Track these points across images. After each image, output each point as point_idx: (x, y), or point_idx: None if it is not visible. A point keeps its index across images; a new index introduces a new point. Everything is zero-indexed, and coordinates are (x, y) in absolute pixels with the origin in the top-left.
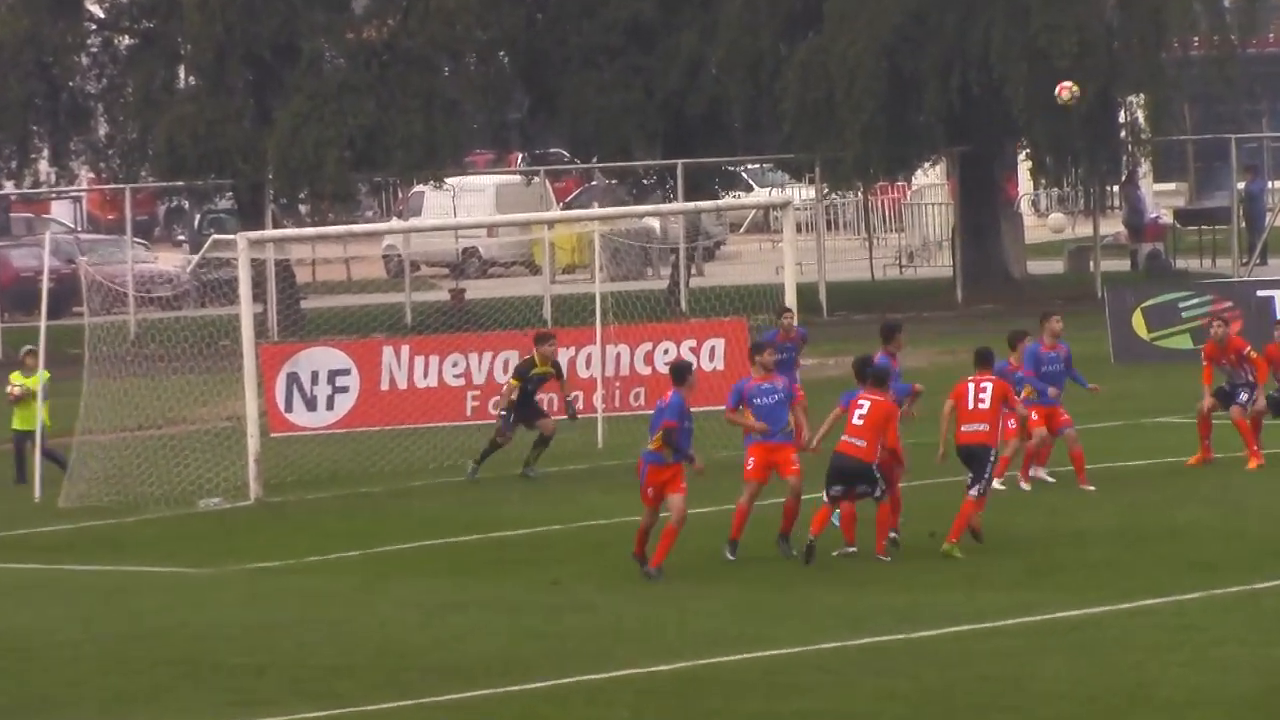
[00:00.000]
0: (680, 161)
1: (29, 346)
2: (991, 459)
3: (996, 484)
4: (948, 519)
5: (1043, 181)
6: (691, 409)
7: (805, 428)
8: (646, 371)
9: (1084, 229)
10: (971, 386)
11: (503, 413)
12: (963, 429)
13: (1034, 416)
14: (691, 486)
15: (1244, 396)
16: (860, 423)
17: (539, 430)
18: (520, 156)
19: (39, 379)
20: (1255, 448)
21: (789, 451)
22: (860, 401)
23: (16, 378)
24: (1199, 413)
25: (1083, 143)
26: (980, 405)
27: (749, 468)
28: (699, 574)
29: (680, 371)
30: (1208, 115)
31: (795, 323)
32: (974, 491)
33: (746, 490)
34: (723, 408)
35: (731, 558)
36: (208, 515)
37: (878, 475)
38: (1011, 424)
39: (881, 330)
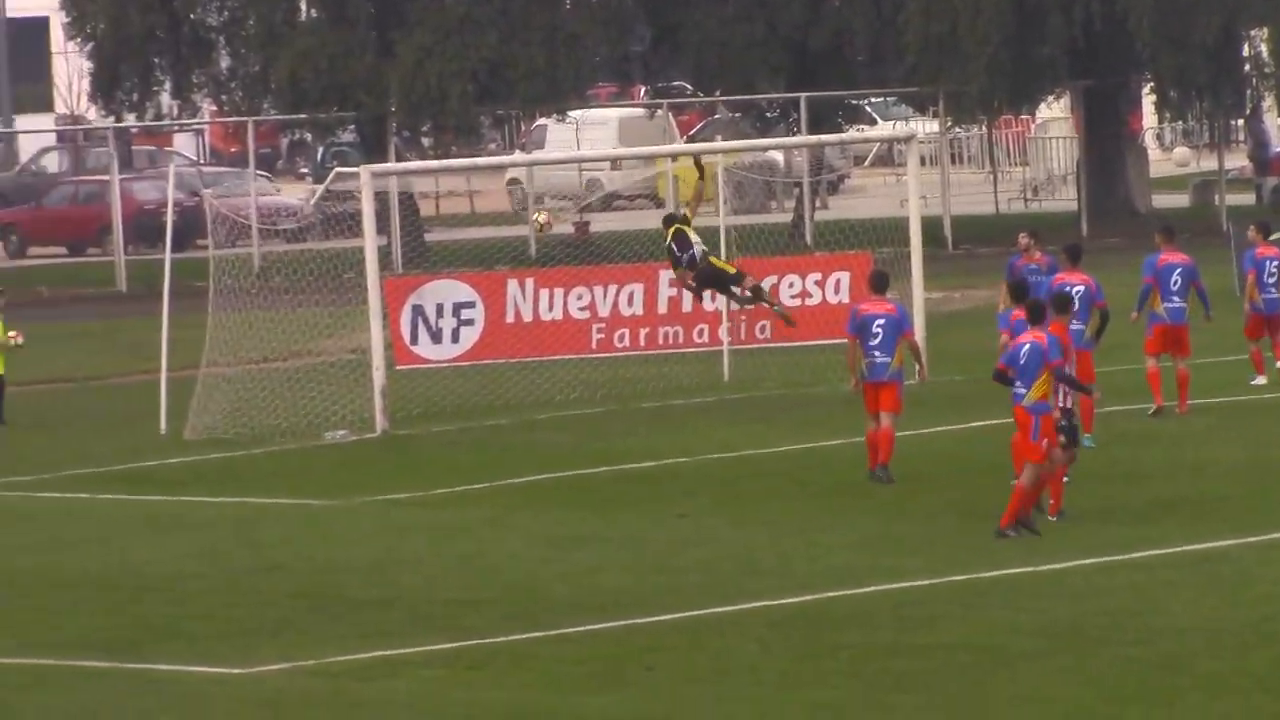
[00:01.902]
0: (804, 95)
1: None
2: None
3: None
4: None
5: (1167, 115)
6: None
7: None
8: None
9: (1209, 163)
10: None
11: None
12: None
13: None
14: (823, 415)
15: None
16: None
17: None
18: (643, 90)
19: None
20: None
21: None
22: None
23: None
24: None
25: (1207, 77)
26: None
27: None
28: (829, 506)
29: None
30: None
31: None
32: None
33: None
34: (843, 340)
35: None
36: (334, 448)
37: None
38: None
39: (1068, 251)
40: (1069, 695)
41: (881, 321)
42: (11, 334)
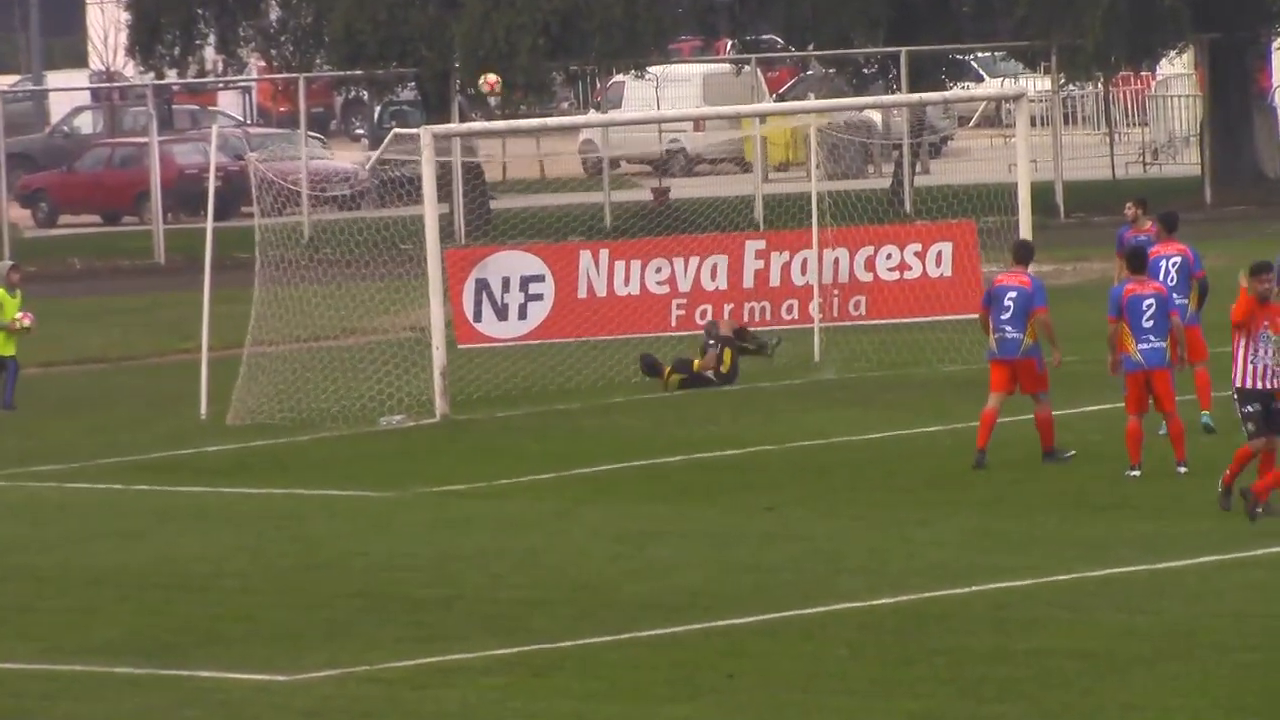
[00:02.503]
0: (904, 49)
1: (11, 261)
2: None
3: None
4: None
5: None
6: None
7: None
8: (867, 278)
9: None
10: None
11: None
12: None
13: None
14: (921, 399)
15: None
16: None
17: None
18: (729, 44)
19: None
20: None
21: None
22: None
23: (4, 297)
24: None
25: None
26: None
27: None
28: (925, 499)
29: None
30: None
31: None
32: None
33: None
34: (953, 316)
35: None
36: (389, 434)
37: None
38: None
39: (1162, 220)
40: (1186, 705)
41: (1013, 294)
42: (19, 315)
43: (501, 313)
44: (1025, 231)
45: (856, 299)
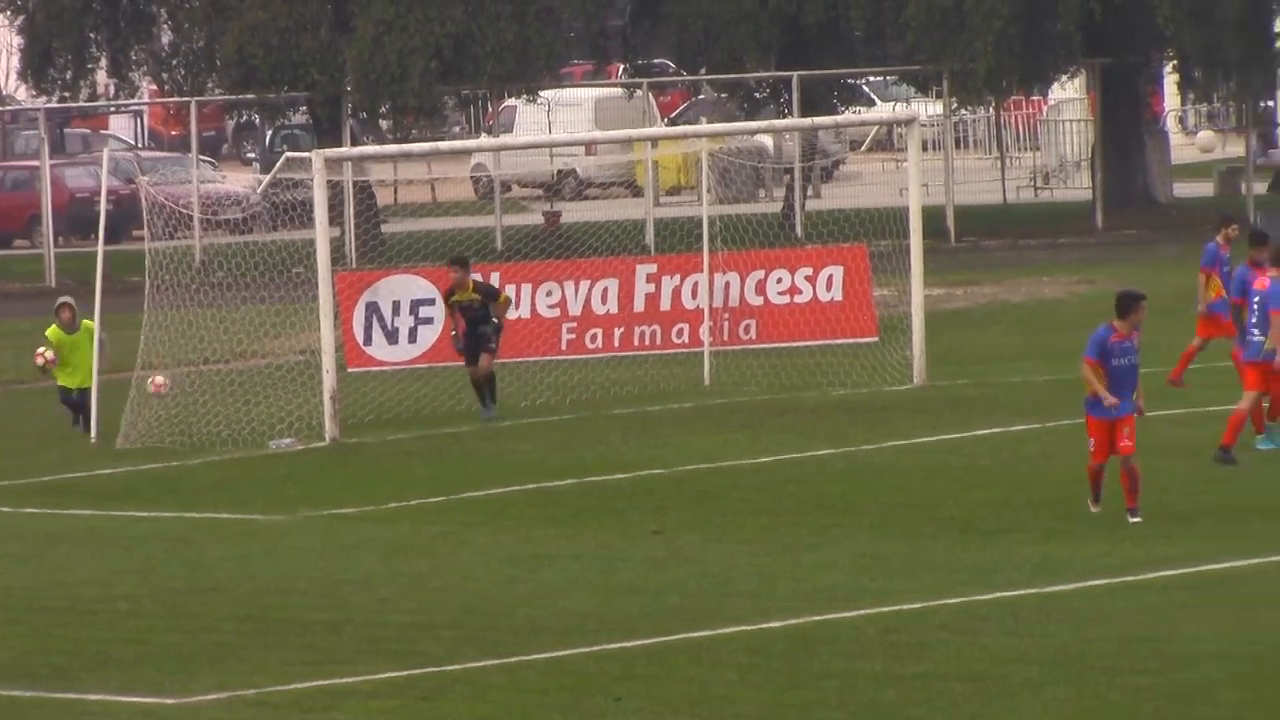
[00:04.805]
0: (796, 73)
1: (65, 299)
2: None
3: None
4: None
5: (1191, 96)
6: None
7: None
8: (758, 302)
9: (1235, 148)
10: None
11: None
12: None
13: None
14: (812, 424)
15: None
16: None
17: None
18: (621, 68)
19: (87, 331)
20: None
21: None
22: None
23: (55, 335)
24: None
25: (1235, 54)
26: None
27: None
28: (814, 523)
29: None
30: None
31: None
32: None
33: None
34: (843, 340)
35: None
36: (279, 457)
37: None
38: None
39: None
40: None
41: (1258, 299)
42: (40, 350)
43: (392, 336)
44: (917, 255)
45: (747, 323)
